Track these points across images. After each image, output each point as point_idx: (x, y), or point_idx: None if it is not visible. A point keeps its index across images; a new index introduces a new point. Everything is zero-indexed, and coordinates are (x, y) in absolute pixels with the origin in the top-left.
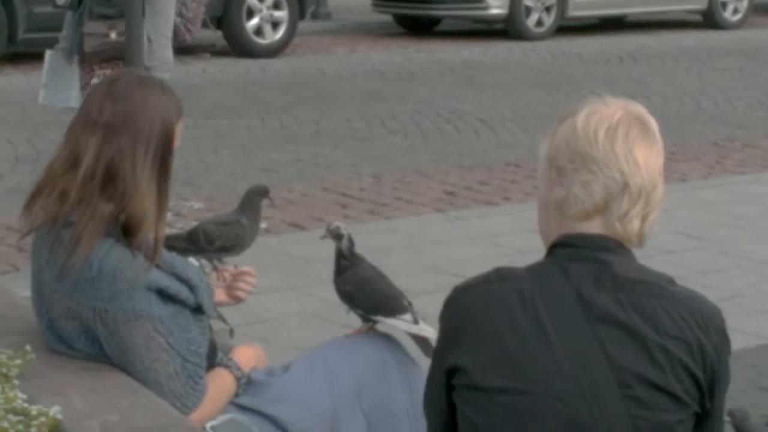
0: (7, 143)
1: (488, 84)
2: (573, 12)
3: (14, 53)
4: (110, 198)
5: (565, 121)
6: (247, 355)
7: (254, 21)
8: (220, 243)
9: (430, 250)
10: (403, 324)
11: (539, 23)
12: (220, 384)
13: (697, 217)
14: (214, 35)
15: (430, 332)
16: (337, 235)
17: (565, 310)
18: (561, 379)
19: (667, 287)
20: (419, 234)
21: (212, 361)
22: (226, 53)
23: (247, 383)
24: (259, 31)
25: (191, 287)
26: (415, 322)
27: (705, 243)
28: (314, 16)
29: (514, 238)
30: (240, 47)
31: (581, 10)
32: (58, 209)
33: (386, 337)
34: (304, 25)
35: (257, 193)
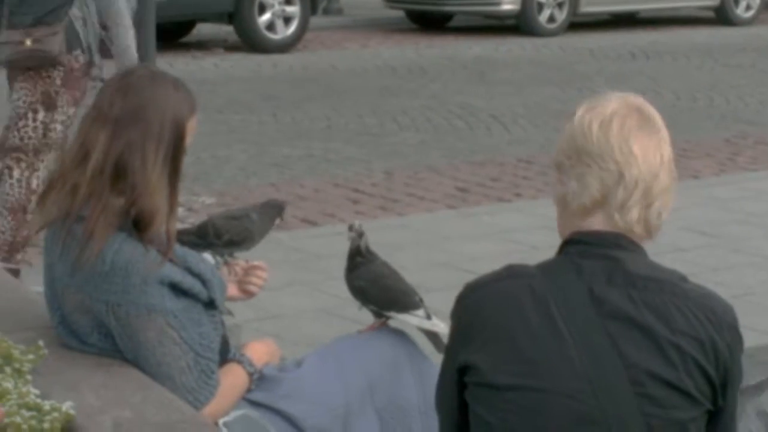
0: None
1: (500, 80)
2: (585, 8)
3: None
4: (121, 192)
5: (570, 119)
6: (260, 350)
7: (266, 16)
8: (229, 237)
9: (442, 247)
10: (416, 320)
11: (551, 19)
12: (232, 379)
13: (709, 214)
14: (225, 30)
15: (443, 327)
16: (360, 234)
17: (576, 307)
18: (573, 377)
19: (679, 284)
20: (431, 230)
21: (225, 356)
22: (238, 48)
23: (259, 379)
24: (271, 27)
25: (204, 282)
26: (428, 317)
27: (717, 240)
28: (326, 12)
29: (525, 235)
30: (252, 42)
31: (593, 6)
32: (69, 204)
33: (399, 333)
34: (316, 20)
35: (276, 206)
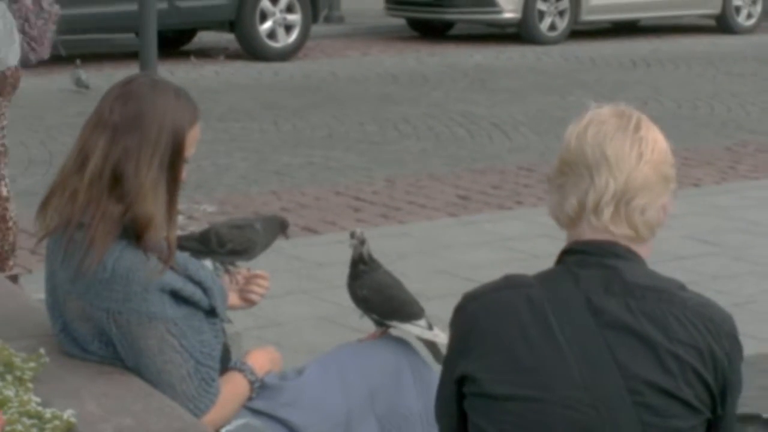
0: (20, 146)
1: (501, 88)
2: (586, 16)
3: None
4: (119, 199)
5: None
6: (262, 359)
7: (267, 24)
8: (231, 246)
9: (443, 254)
10: (418, 330)
11: (552, 27)
12: (233, 387)
13: (710, 222)
14: (227, 38)
15: (443, 338)
16: (362, 241)
17: (574, 316)
18: (571, 387)
19: (677, 293)
20: (432, 238)
21: (226, 365)
22: (239, 56)
23: (260, 387)
24: (272, 35)
25: (204, 289)
26: (430, 327)
27: (718, 248)
28: (327, 20)
29: (526, 242)
30: (253, 50)
31: (594, 15)
32: (70, 211)
33: (400, 341)
34: (317, 28)
35: (280, 222)
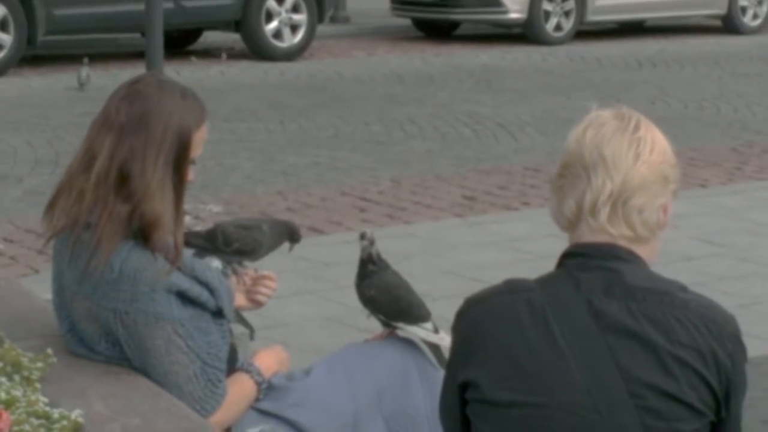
0: (27, 146)
1: (507, 88)
2: (592, 17)
3: (34, 55)
4: (126, 199)
5: None
6: (269, 359)
7: (273, 24)
8: (237, 246)
9: (449, 255)
10: (424, 332)
11: (558, 28)
12: (239, 389)
13: (716, 223)
14: (232, 38)
15: (448, 342)
16: (372, 241)
17: (575, 320)
18: (573, 392)
19: (678, 295)
20: (438, 238)
21: (233, 365)
22: (244, 56)
23: (268, 388)
24: (278, 35)
25: (211, 290)
26: (436, 331)
27: (724, 249)
28: (333, 20)
29: (533, 243)
30: (259, 50)
31: (600, 15)
32: (77, 211)
33: (407, 341)
34: (322, 28)
35: (291, 231)
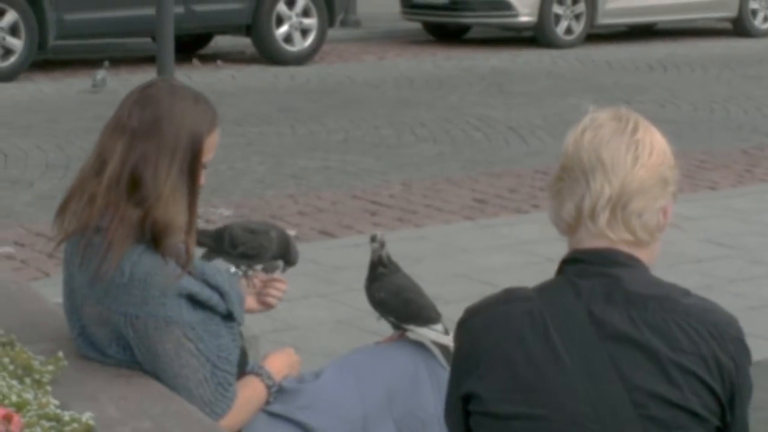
0: (38, 150)
1: (517, 91)
2: (602, 20)
3: (44, 60)
4: (137, 203)
5: None
6: (279, 362)
7: (284, 28)
8: (243, 249)
9: (460, 258)
10: (434, 334)
11: (569, 31)
12: (250, 392)
13: (726, 225)
14: (244, 42)
15: None
16: (382, 244)
17: (576, 330)
18: (575, 403)
19: (680, 300)
20: (449, 242)
21: (243, 368)
22: (255, 60)
23: (278, 391)
24: (288, 39)
25: (221, 294)
26: (446, 332)
27: (735, 251)
28: (343, 24)
29: (543, 246)
30: (269, 54)
31: (611, 18)
32: (88, 215)
33: (418, 344)
34: (333, 32)
35: (289, 249)
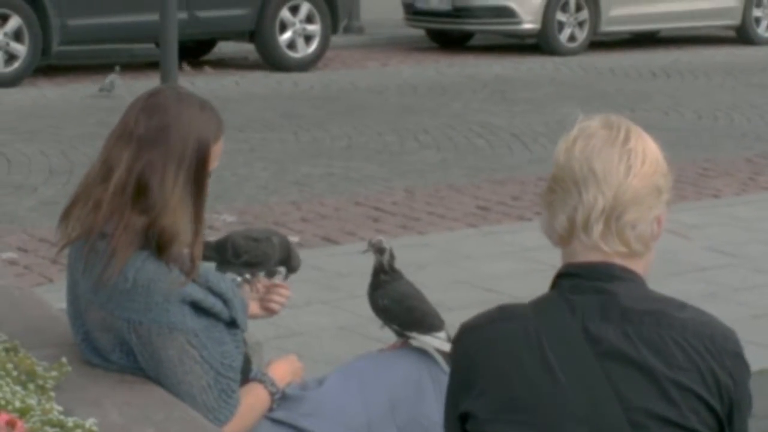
0: (41, 156)
1: (521, 99)
2: (606, 27)
3: (48, 66)
4: (143, 211)
5: None
6: (283, 369)
7: (287, 35)
8: (246, 258)
9: (463, 265)
10: (437, 342)
11: (572, 38)
12: (253, 399)
13: (730, 233)
14: (247, 48)
15: None
16: (379, 249)
17: (572, 348)
18: (572, 423)
19: (676, 315)
20: (452, 249)
21: (247, 375)
22: (258, 67)
23: (281, 398)
24: (291, 45)
25: (225, 301)
26: (449, 340)
27: (738, 260)
28: (347, 30)
29: (546, 253)
30: (273, 61)
31: (614, 26)
32: (92, 220)
33: (421, 351)
34: (336, 39)
35: (292, 256)
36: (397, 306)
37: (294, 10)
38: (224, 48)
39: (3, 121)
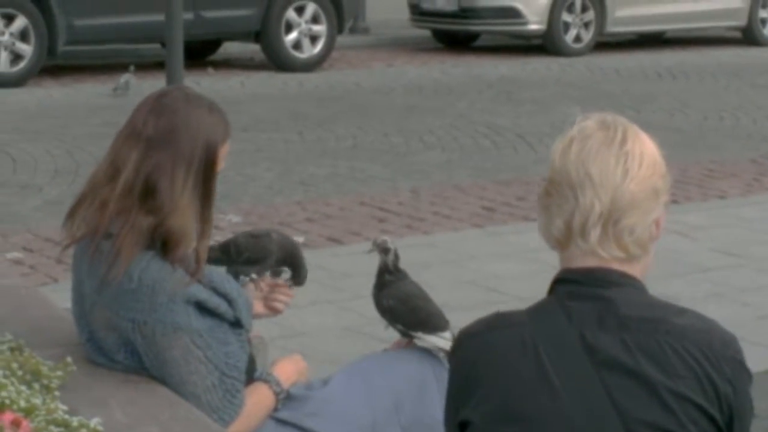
0: (47, 155)
1: (526, 99)
2: (611, 28)
3: (54, 66)
4: (150, 211)
5: None
6: (287, 370)
7: (293, 35)
8: (247, 255)
9: (468, 265)
10: (442, 341)
11: (577, 39)
12: (257, 399)
13: (735, 234)
14: (252, 49)
15: None
16: (384, 249)
17: (569, 357)
18: None
19: (674, 322)
20: (457, 249)
21: (251, 375)
22: (264, 67)
23: (286, 398)
24: (297, 45)
25: (229, 301)
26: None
27: (744, 260)
28: (352, 31)
29: (551, 254)
30: (278, 61)
31: (620, 26)
32: (98, 220)
33: (425, 351)
34: (342, 39)
35: (296, 257)
36: (402, 306)
37: (300, 10)
38: (230, 48)
39: (9, 121)
